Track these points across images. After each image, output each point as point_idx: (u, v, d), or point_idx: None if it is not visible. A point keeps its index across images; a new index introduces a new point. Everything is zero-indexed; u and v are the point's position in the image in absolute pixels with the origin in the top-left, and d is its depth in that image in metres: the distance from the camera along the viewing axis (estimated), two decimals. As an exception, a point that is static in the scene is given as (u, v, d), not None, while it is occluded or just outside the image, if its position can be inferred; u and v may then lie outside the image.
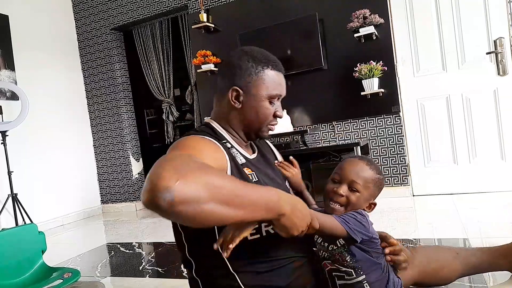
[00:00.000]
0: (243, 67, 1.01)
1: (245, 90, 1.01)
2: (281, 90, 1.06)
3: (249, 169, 0.99)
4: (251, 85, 1.01)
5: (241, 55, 1.03)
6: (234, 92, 1.01)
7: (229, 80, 1.02)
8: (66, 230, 3.67)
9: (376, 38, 3.12)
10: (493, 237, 1.91)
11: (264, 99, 1.02)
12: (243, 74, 1.01)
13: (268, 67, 1.02)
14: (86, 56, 4.47)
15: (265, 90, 1.02)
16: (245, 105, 1.02)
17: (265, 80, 1.01)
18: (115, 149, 4.40)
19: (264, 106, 1.03)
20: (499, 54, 2.85)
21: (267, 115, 1.04)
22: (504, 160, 2.90)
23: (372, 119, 3.23)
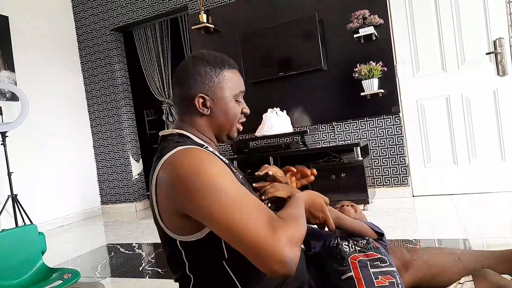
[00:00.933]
0: (201, 73, 1.00)
1: (210, 95, 1.01)
2: (242, 86, 1.08)
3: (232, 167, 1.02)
4: (214, 89, 1.01)
5: (196, 62, 1.02)
6: (200, 99, 1.00)
7: (192, 88, 1.01)
8: (66, 231, 3.67)
9: (376, 39, 3.12)
10: (493, 238, 1.91)
11: (231, 99, 1.03)
12: (204, 80, 1.00)
13: (224, 67, 1.03)
14: (86, 57, 4.48)
15: (229, 90, 1.03)
16: (213, 110, 1.02)
17: (227, 81, 1.02)
18: (115, 149, 4.40)
19: (232, 107, 1.04)
20: (498, 54, 2.85)
21: (236, 114, 1.05)
22: (504, 160, 2.90)
23: (372, 120, 3.23)
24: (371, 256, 1.07)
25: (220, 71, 1.01)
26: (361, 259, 1.06)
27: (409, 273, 1.17)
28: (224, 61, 1.04)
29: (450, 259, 1.22)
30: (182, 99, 1.03)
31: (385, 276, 1.02)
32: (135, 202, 4.36)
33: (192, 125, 1.04)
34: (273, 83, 3.51)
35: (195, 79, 1.00)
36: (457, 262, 1.21)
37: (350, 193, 2.86)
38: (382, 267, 1.04)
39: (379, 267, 1.04)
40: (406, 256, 1.20)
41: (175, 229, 0.91)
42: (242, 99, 1.08)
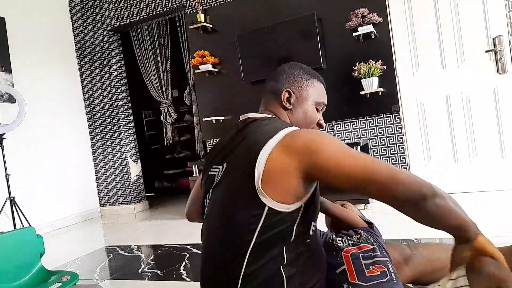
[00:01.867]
0: (295, 74, 1.14)
1: (296, 93, 1.12)
2: (325, 100, 1.18)
3: None
4: (302, 89, 1.12)
5: (292, 66, 1.16)
6: (286, 93, 1.11)
7: (282, 83, 1.12)
8: (65, 233, 3.64)
9: (375, 37, 3.11)
10: (494, 236, 1.89)
11: (313, 104, 1.14)
12: (295, 80, 1.13)
13: (315, 78, 1.16)
14: (83, 57, 4.45)
15: (314, 96, 1.14)
16: (295, 106, 1.12)
17: (314, 88, 1.14)
18: (113, 151, 4.38)
19: (312, 111, 1.14)
20: (498, 52, 2.84)
21: (314, 119, 1.15)
22: (505, 158, 2.89)
23: (371, 119, 3.22)
24: (364, 248, 1.11)
25: (311, 78, 1.15)
26: (354, 252, 1.09)
27: (409, 267, 1.19)
28: (317, 74, 1.17)
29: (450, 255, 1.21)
30: (272, 91, 1.14)
31: (377, 266, 1.04)
32: (134, 204, 4.34)
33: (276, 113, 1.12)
34: (272, 82, 3.48)
35: (288, 77, 1.13)
36: None
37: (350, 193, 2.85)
38: (374, 258, 1.07)
39: (371, 258, 1.07)
40: (406, 251, 1.23)
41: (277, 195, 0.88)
42: (321, 112, 1.18)
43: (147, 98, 4.63)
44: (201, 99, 3.91)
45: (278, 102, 1.12)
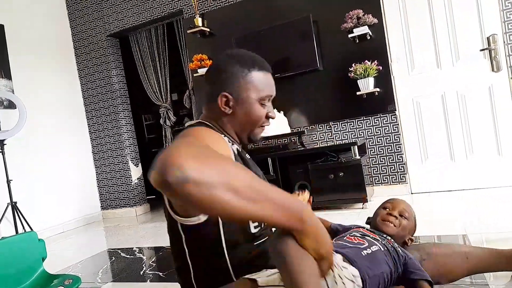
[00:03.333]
0: (229, 72, 1.00)
1: (234, 95, 1.00)
2: (271, 91, 1.05)
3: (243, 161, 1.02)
4: (240, 90, 1.00)
5: (227, 59, 1.02)
6: (223, 98, 1.00)
7: (217, 86, 1.01)
8: (67, 237, 3.67)
9: (370, 38, 3.14)
10: (492, 233, 1.92)
11: (255, 102, 1.01)
12: (230, 79, 1.00)
13: (254, 68, 1.01)
14: (83, 63, 4.49)
15: (255, 92, 1.01)
16: (235, 110, 1.01)
17: (254, 83, 1.00)
18: (114, 154, 4.41)
19: (256, 109, 1.02)
20: (492, 50, 2.87)
21: (260, 117, 1.04)
22: (501, 155, 2.91)
23: (368, 119, 3.25)
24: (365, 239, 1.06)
25: (248, 71, 1.00)
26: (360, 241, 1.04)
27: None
28: (256, 62, 1.02)
29: (459, 259, 1.21)
30: (207, 95, 1.05)
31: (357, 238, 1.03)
32: (135, 207, 4.36)
33: (214, 120, 1.05)
34: (270, 84, 3.51)
35: (222, 77, 1.00)
36: (465, 262, 1.21)
37: (348, 192, 2.88)
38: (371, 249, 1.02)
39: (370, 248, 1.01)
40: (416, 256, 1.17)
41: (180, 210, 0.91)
42: (269, 103, 1.06)
43: (147, 101, 4.66)
44: (200, 103, 3.94)
45: (216, 107, 1.01)
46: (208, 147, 0.72)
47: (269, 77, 1.05)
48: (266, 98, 1.03)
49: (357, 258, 0.95)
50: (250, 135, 1.07)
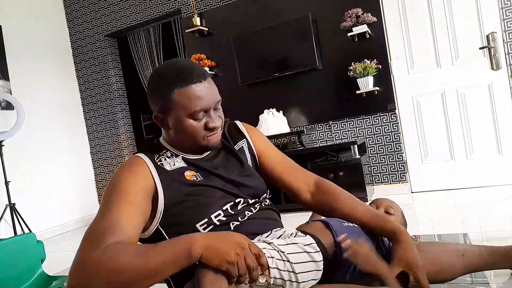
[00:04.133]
0: (154, 93, 1.01)
1: (165, 113, 1.00)
2: (200, 103, 0.96)
3: (192, 171, 1.02)
4: (168, 110, 0.99)
5: (150, 81, 1.03)
6: (158, 117, 1.03)
7: (152, 106, 1.04)
8: (66, 239, 3.65)
9: (370, 37, 3.13)
10: (492, 231, 1.91)
11: (185, 119, 0.98)
12: (158, 102, 1.00)
13: (177, 86, 0.95)
14: (80, 63, 4.47)
15: (182, 111, 0.97)
16: (172, 128, 1.02)
17: (179, 102, 0.96)
18: (112, 155, 4.39)
19: (190, 126, 0.98)
20: (492, 48, 2.86)
21: (196, 132, 0.99)
22: (501, 154, 2.91)
23: (368, 118, 3.24)
24: None
25: (172, 92, 0.96)
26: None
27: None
28: (178, 78, 0.96)
29: (454, 256, 1.21)
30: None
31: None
32: (134, 207, 4.34)
33: (165, 134, 1.10)
34: (269, 84, 3.51)
35: (153, 97, 1.02)
36: (461, 259, 1.20)
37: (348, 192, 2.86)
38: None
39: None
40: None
41: None
42: (209, 113, 1.00)
43: (145, 102, 4.62)
44: (199, 102, 3.92)
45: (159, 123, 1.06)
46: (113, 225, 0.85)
47: (196, 90, 0.96)
48: (196, 113, 0.97)
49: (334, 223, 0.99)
50: (201, 145, 1.04)
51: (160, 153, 1.04)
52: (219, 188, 1.01)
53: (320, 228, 1.00)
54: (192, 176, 1.00)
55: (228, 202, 1.00)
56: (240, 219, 1.00)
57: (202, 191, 0.99)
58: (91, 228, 0.86)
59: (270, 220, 1.08)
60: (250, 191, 1.07)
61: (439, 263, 1.19)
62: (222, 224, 0.97)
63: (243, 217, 1.01)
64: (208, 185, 1.00)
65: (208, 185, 1.00)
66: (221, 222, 0.97)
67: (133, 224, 0.88)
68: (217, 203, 0.99)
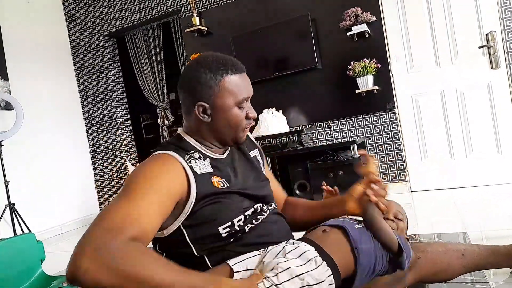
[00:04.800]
0: (202, 81, 0.98)
1: (210, 103, 0.99)
2: (247, 92, 1.02)
3: (217, 177, 0.99)
4: (214, 97, 0.98)
5: (197, 68, 1.00)
6: (200, 107, 0.99)
7: (192, 96, 1.00)
8: (65, 239, 3.65)
9: (369, 36, 3.13)
10: (492, 230, 1.91)
11: (232, 107, 1.00)
12: (203, 88, 0.98)
13: (227, 73, 0.98)
14: (79, 63, 4.46)
15: (231, 98, 0.99)
16: (214, 118, 1.00)
17: (228, 88, 0.98)
18: (112, 155, 4.39)
19: (234, 114, 1.00)
20: (491, 47, 2.86)
21: (240, 122, 1.02)
22: (500, 153, 2.91)
23: (367, 117, 3.24)
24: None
25: (221, 78, 0.98)
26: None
27: (412, 272, 1.15)
28: (228, 65, 0.99)
29: (454, 256, 1.20)
30: (184, 104, 1.04)
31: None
32: (133, 207, 4.34)
33: (195, 130, 1.04)
34: (268, 83, 3.51)
35: (195, 86, 0.99)
36: (461, 258, 1.20)
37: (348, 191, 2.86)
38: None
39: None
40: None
41: None
42: (247, 104, 1.04)
43: (144, 102, 4.64)
44: (198, 102, 3.92)
45: (195, 117, 1.01)
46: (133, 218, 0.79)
47: (244, 78, 1.02)
48: (243, 101, 1.01)
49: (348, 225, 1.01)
50: (234, 139, 1.05)
51: (189, 153, 0.99)
52: (241, 194, 1.01)
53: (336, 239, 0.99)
54: (219, 183, 0.98)
55: (248, 207, 1.01)
56: (254, 222, 1.01)
57: (227, 195, 0.99)
58: (109, 213, 0.79)
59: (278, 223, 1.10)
60: (265, 197, 1.09)
61: (439, 264, 1.18)
62: (240, 229, 0.98)
63: (256, 220, 1.02)
64: (231, 191, 0.99)
65: (231, 192, 1.00)
66: (240, 227, 0.98)
67: (153, 220, 0.83)
68: (239, 207, 0.99)
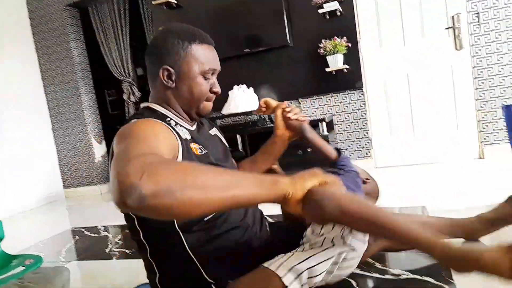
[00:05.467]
0: (169, 46, 0.97)
1: (176, 68, 0.98)
2: (214, 64, 1.02)
3: (195, 144, 0.98)
4: (180, 63, 0.98)
5: (165, 34, 0.99)
6: (165, 71, 0.98)
7: (158, 60, 0.99)
8: (27, 217, 3.53)
9: (340, 14, 3.13)
10: (448, 204, 2.02)
11: (197, 75, 0.99)
12: (170, 53, 0.97)
13: (195, 41, 0.99)
14: (39, 34, 4.20)
15: (196, 66, 0.99)
16: (178, 84, 0.99)
17: (195, 56, 0.98)
18: (76, 131, 4.23)
19: (198, 83, 1.00)
20: (456, 29, 2.94)
21: (203, 92, 1.02)
22: (460, 131, 3.05)
23: (337, 95, 3.28)
24: None
25: (188, 44, 0.98)
26: None
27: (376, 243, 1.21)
28: (196, 34, 0.99)
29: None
30: (150, 71, 1.03)
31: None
32: (99, 185, 4.24)
33: (160, 98, 1.02)
34: (240, 60, 3.45)
35: (162, 51, 0.98)
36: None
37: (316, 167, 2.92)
38: None
39: None
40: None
41: None
42: (213, 77, 1.04)
43: (110, 77, 4.45)
44: (167, 77, 3.82)
45: (160, 83, 1.00)
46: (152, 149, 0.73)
47: (212, 50, 1.03)
48: (209, 71, 1.01)
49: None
50: (197, 110, 1.04)
51: (166, 121, 0.96)
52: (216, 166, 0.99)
53: None
54: (197, 149, 0.97)
55: None
56: None
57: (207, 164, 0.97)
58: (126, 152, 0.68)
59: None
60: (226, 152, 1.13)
61: None
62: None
63: None
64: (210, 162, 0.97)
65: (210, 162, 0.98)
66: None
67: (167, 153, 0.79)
68: None
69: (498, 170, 2.61)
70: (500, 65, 2.87)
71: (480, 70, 2.93)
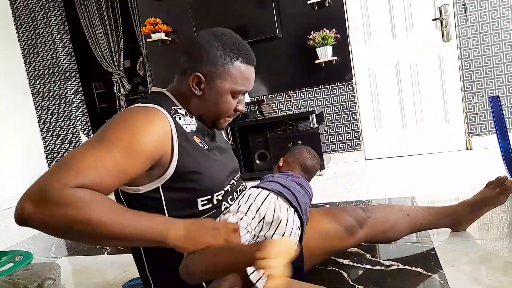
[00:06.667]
0: (210, 54, 0.93)
1: (208, 78, 0.94)
2: (248, 86, 0.99)
3: (198, 138, 0.96)
4: (215, 76, 0.94)
5: (211, 40, 0.95)
6: (196, 78, 0.94)
7: (193, 63, 0.95)
8: (15, 213, 3.47)
9: (329, 5, 3.12)
10: (436, 195, 2.06)
11: (227, 93, 0.96)
12: (209, 61, 0.93)
13: (238, 59, 0.95)
14: (22, 25, 4.09)
15: (230, 84, 0.95)
16: (205, 95, 0.95)
17: (232, 74, 0.94)
18: (63, 125, 4.16)
19: (226, 101, 0.97)
20: (443, 20, 2.96)
21: (227, 110, 0.99)
22: (448, 123, 3.09)
23: (326, 87, 3.29)
24: None
25: (230, 60, 0.94)
26: None
27: (363, 230, 1.23)
28: (241, 52, 0.95)
29: (400, 216, 1.30)
30: (181, 68, 0.98)
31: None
32: (89, 179, 4.19)
33: (181, 94, 0.98)
34: (228, 51, 3.42)
35: (202, 56, 0.93)
36: (406, 218, 1.31)
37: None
38: None
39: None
40: (361, 214, 1.24)
41: None
42: (241, 97, 1.01)
43: (98, 69, 4.38)
44: (156, 70, 3.78)
45: (187, 83, 0.96)
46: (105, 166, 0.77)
47: (251, 71, 0.99)
48: (240, 92, 0.98)
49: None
50: (214, 122, 1.02)
51: (175, 108, 0.94)
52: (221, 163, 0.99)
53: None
54: (199, 142, 0.94)
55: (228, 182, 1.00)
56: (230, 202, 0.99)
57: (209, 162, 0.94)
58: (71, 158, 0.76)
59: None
60: (237, 169, 1.09)
61: (386, 222, 1.28)
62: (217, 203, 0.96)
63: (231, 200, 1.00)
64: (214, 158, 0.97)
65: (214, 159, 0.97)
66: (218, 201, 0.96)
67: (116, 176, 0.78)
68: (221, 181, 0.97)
69: (485, 160, 2.66)
70: (487, 57, 2.91)
71: (467, 62, 2.97)
